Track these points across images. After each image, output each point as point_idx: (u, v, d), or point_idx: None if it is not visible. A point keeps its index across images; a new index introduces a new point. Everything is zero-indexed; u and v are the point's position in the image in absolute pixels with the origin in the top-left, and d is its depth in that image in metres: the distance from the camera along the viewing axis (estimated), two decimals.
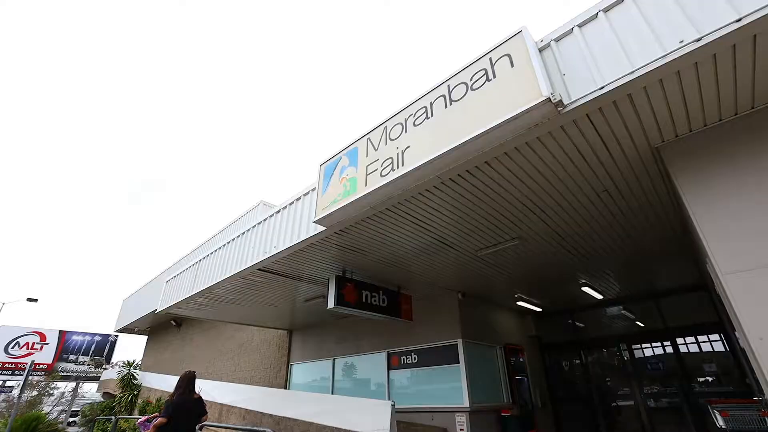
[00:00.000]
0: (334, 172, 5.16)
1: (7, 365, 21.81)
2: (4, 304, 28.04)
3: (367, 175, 4.55)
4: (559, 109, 3.21)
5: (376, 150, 4.62)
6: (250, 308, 9.50)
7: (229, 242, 7.87)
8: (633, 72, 2.93)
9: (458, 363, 7.80)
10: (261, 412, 8.75)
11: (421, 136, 4.07)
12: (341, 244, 5.85)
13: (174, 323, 19.01)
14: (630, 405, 9.58)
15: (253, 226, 7.22)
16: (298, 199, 6.26)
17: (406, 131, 4.31)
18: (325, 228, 5.28)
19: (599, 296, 9.37)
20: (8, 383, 20.99)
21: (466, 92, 3.84)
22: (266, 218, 6.95)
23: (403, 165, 4.11)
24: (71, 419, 24.15)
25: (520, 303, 9.65)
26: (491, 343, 8.98)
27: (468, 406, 7.34)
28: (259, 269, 6.85)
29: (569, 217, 5.25)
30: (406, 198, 4.56)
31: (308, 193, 6.04)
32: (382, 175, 4.31)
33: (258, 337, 13.64)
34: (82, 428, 18.01)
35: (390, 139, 4.48)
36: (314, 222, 5.21)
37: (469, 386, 7.54)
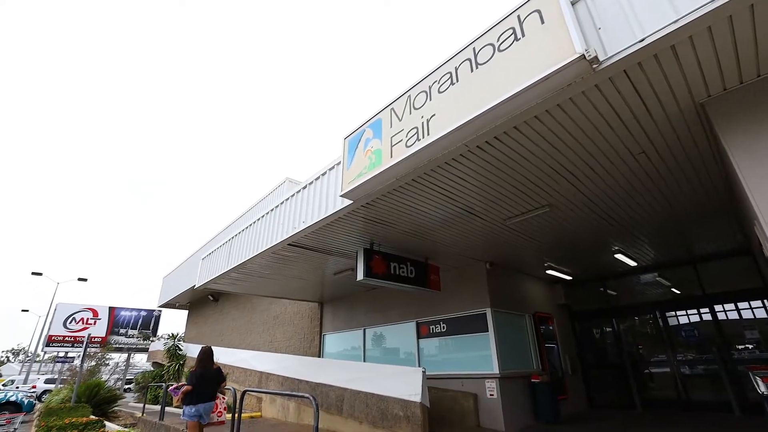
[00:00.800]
0: (358, 145, 5.14)
1: (67, 338, 23.79)
2: (59, 283, 30.34)
3: (391, 146, 4.51)
4: (594, 66, 3.03)
5: (400, 120, 4.55)
6: (282, 282, 9.85)
7: (258, 219, 8.10)
8: (678, 20, 2.70)
9: (487, 331, 7.88)
10: (298, 379, 9.24)
11: (447, 103, 3.96)
12: (368, 217, 5.90)
13: (211, 298, 20.03)
14: (663, 372, 9.46)
15: (281, 203, 7.38)
16: (323, 174, 6.32)
17: (430, 99, 4.21)
18: (351, 201, 5.33)
19: (633, 263, 9.12)
20: (69, 354, 22.97)
21: (492, 54, 3.68)
22: (293, 194, 7.07)
23: (428, 134, 4.04)
24: (126, 386, 26.33)
25: (549, 272, 9.54)
26: (520, 312, 8.99)
27: (498, 372, 7.46)
28: (289, 244, 7.04)
29: (602, 182, 5.06)
30: (432, 168, 4.51)
31: (333, 167, 6.08)
32: (407, 146, 4.27)
33: (291, 309, 14.21)
34: (136, 394, 19.61)
35: (414, 108, 4.39)
36: (341, 196, 5.26)
37: (498, 354, 7.64)
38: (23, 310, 39.09)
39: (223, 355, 13.66)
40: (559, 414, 8.12)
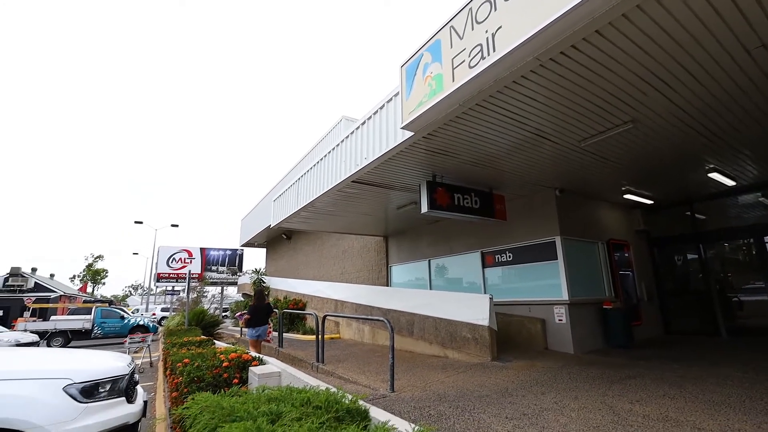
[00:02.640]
0: (416, 71, 4.90)
1: (171, 275, 27.71)
2: (156, 230, 34.77)
3: (453, 69, 4.23)
4: None
5: (461, 39, 4.19)
6: (349, 218, 10.32)
7: (321, 159, 8.34)
8: None
9: (557, 259, 7.72)
10: (370, 306, 10.00)
11: (516, 11, 3.54)
12: (430, 148, 5.78)
13: (285, 236, 21.73)
14: (756, 300, 8.72)
15: (342, 141, 7.46)
16: (381, 108, 6.20)
17: (495, 9, 3.79)
18: (412, 133, 5.23)
19: (730, 182, 8.06)
20: (176, 288, 26.91)
21: None
22: (352, 131, 7.09)
23: (494, 51, 3.71)
24: (223, 314, 30.61)
25: (627, 196, 8.82)
26: (592, 239, 8.60)
27: (567, 299, 7.42)
28: (352, 181, 7.23)
29: (702, 88, 4.36)
30: (499, 90, 4.20)
31: (391, 99, 5.92)
32: (470, 67, 3.97)
33: (357, 244, 15.00)
34: (232, 320, 22.76)
35: (477, 23, 4.00)
36: (401, 128, 5.17)
37: (568, 281, 7.53)
38: (134, 253, 45.85)
39: (300, 286, 15.12)
40: (632, 339, 8.01)
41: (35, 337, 14.44)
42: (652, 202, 9.52)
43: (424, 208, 6.63)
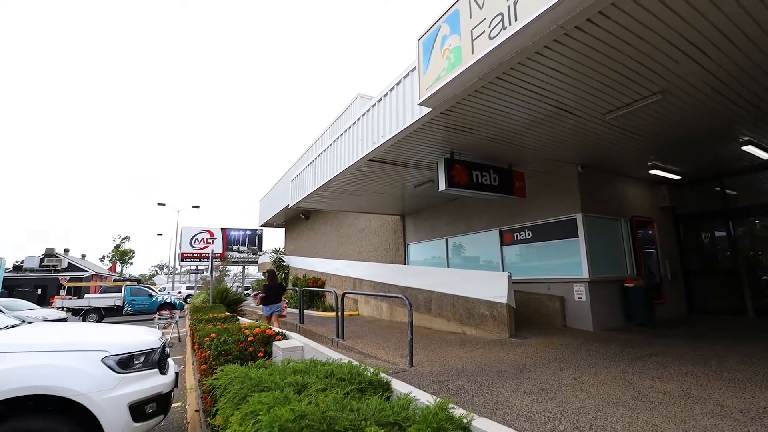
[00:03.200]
0: (434, 45, 4.76)
1: (195, 255, 28.60)
2: (179, 211, 35.70)
3: (472, 40, 4.09)
4: None
5: (481, 8, 4.03)
6: (366, 197, 10.34)
7: (337, 138, 8.31)
8: None
9: (577, 237, 7.60)
10: (388, 284, 10.13)
11: None
12: (448, 125, 5.68)
13: (303, 216, 22.01)
14: None
15: (357, 119, 7.40)
16: (397, 84, 6.09)
17: None
18: (430, 110, 5.13)
19: (766, 156, 7.67)
20: (200, 267, 27.82)
21: None
22: (368, 109, 7.01)
23: (516, 19, 3.55)
24: (245, 292, 31.58)
25: (653, 171, 8.52)
26: (615, 216, 8.40)
27: (587, 277, 7.33)
28: (369, 160, 7.21)
29: (739, 53, 4.09)
30: (520, 61, 4.05)
31: (408, 74, 5.79)
32: (490, 38, 3.83)
33: (375, 222, 15.07)
34: (253, 298, 23.48)
35: None
36: (419, 105, 5.08)
37: (588, 259, 7.42)
38: (158, 234, 47.39)
39: (319, 265, 15.39)
40: (654, 317, 7.90)
41: (63, 314, 15.29)
42: (679, 177, 9.17)
43: (442, 186, 6.58)
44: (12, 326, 3.55)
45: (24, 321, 4.01)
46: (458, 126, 5.73)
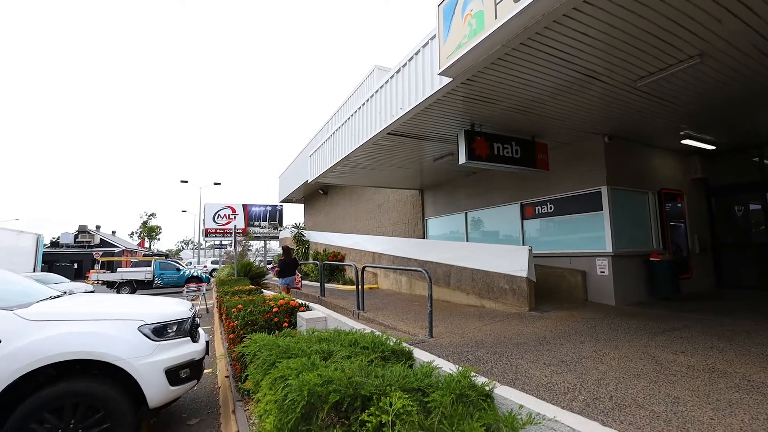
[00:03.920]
0: (455, 10, 4.56)
1: (218, 230, 29.43)
2: (201, 188, 36.53)
3: (496, 4, 3.89)
4: None
5: None
6: (384, 172, 10.29)
7: (355, 112, 8.21)
8: None
9: (601, 210, 7.40)
10: (407, 258, 10.21)
11: None
12: (469, 95, 5.52)
13: (321, 191, 22.17)
14: None
15: (375, 92, 7.27)
16: (416, 54, 5.91)
17: None
18: (450, 79, 4.98)
19: None
20: (223, 243, 28.69)
21: None
22: (386, 81, 6.86)
23: None
24: (267, 266, 32.51)
25: (686, 141, 8.11)
26: (642, 189, 8.11)
27: (611, 251, 7.18)
28: (388, 134, 7.12)
29: None
30: (546, 25, 3.84)
31: (427, 43, 5.60)
32: (515, 0, 3.64)
33: (393, 197, 15.06)
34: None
35: None
36: (439, 74, 4.93)
37: (612, 232, 7.25)
38: (182, 211, 48.85)
39: (338, 240, 15.61)
40: (679, 292, 7.72)
41: (90, 287, 16.13)
42: (713, 147, 8.71)
43: (462, 159, 6.47)
44: (55, 297, 3.78)
45: (65, 292, 4.27)
46: (480, 96, 5.56)
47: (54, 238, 44.54)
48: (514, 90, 5.35)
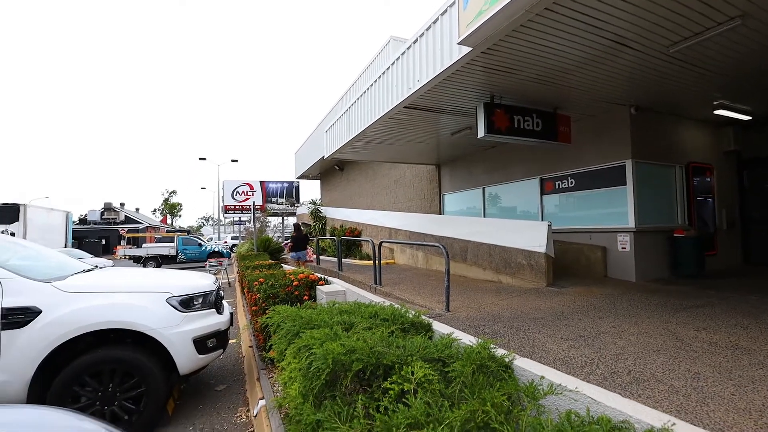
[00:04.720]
0: None
1: (237, 207, 29.98)
2: (219, 165, 36.97)
3: None
4: None
5: None
6: (401, 147, 10.18)
7: (371, 86, 8.06)
8: None
9: (625, 185, 7.19)
10: (423, 233, 10.23)
11: None
12: (489, 66, 5.33)
13: (337, 167, 22.18)
14: None
15: (392, 64, 7.09)
16: (435, 22, 5.70)
17: None
18: (470, 49, 4.80)
19: None
20: (242, 219, 29.25)
21: None
22: (403, 52, 6.68)
23: None
24: (285, 242, 33.13)
25: (719, 111, 7.69)
26: (669, 163, 7.81)
27: (633, 226, 7.02)
28: (404, 107, 6.99)
29: None
30: None
31: (446, 11, 5.39)
32: None
33: (409, 173, 14.95)
34: None
35: None
36: (458, 44, 4.77)
37: (636, 208, 7.05)
38: (201, 188, 49.76)
39: (355, 215, 15.71)
40: (703, 268, 7.53)
41: (109, 263, 16.75)
42: (749, 117, 8.24)
43: (481, 133, 6.32)
44: (87, 270, 3.96)
45: (96, 266, 4.46)
46: (500, 66, 5.36)
47: (82, 215, 46.26)
48: (537, 59, 5.14)
